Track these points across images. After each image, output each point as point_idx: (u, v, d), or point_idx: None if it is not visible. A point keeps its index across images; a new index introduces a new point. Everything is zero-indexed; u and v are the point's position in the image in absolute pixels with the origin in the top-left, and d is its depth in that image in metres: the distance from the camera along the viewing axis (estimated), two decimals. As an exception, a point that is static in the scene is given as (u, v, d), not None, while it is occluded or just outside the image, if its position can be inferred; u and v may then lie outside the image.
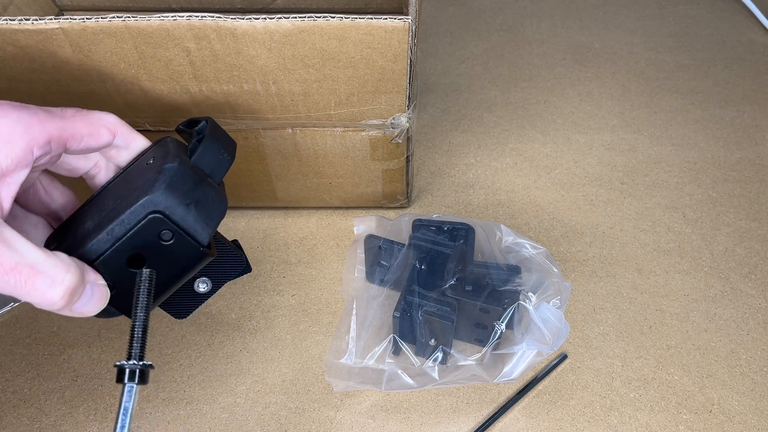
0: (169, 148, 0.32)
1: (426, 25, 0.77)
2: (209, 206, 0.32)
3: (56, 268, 0.27)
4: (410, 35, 0.37)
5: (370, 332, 0.44)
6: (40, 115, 0.28)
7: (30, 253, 0.26)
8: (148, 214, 0.30)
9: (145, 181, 0.30)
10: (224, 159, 0.34)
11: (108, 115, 0.32)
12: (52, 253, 0.27)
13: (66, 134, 0.29)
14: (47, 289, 0.26)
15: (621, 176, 0.59)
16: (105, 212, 0.31)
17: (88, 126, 0.30)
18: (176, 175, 0.30)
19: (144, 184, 0.30)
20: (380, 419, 0.43)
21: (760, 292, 0.50)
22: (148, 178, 0.30)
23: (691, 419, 0.43)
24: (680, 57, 0.73)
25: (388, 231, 0.48)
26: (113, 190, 0.33)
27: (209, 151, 0.33)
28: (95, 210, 0.32)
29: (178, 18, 0.36)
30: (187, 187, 0.31)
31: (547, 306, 0.43)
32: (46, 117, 0.28)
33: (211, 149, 0.33)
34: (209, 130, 0.34)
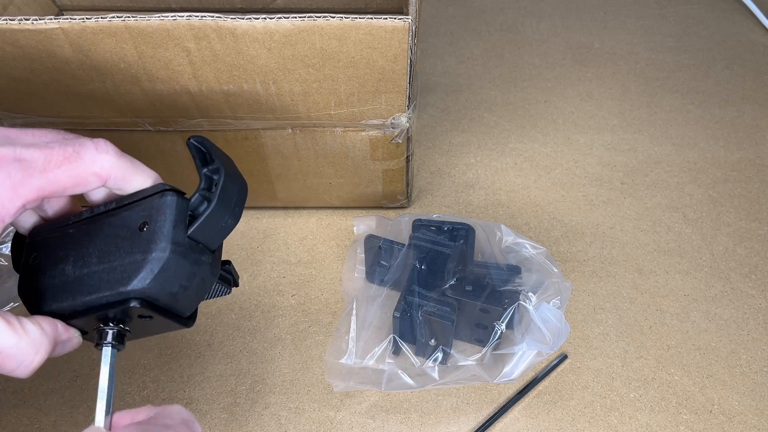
0: (166, 219, 0.28)
1: (426, 25, 0.77)
2: (199, 287, 0.30)
3: (25, 352, 0.26)
4: (410, 35, 0.37)
5: (370, 332, 0.44)
6: (13, 178, 0.24)
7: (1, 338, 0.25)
8: (128, 300, 0.28)
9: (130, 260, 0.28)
10: (228, 225, 0.31)
11: (105, 155, 0.27)
12: (25, 332, 0.26)
13: (45, 191, 0.26)
14: (15, 370, 0.26)
15: (621, 176, 0.59)
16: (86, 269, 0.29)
17: (74, 178, 0.26)
18: (166, 266, 0.28)
19: (129, 264, 0.28)
20: (380, 419, 0.43)
21: (761, 292, 0.50)
22: (133, 259, 0.28)
23: (692, 419, 0.43)
24: (681, 57, 0.73)
25: (388, 231, 0.48)
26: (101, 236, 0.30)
27: (213, 220, 0.29)
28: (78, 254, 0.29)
29: (177, 18, 0.36)
30: (176, 277, 0.29)
31: (547, 306, 0.43)
32: (21, 180, 0.25)
33: (216, 218, 0.30)
34: (221, 190, 0.29)
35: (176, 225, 0.28)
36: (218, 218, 0.30)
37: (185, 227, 0.29)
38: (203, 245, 0.30)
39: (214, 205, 0.29)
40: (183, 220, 0.29)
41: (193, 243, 0.29)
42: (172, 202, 0.29)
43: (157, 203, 0.29)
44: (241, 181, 0.32)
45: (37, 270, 0.30)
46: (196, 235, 0.29)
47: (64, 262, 0.29)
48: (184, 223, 0.29)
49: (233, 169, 0.31)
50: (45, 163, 0.25)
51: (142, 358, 0.47)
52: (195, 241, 0.29)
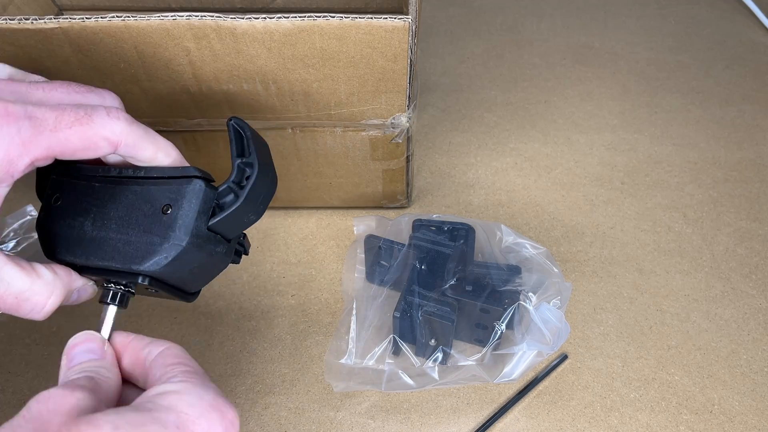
0: (191, 207, 0.28)
1: (426, 24, 0.77)
2: (209, 271, 0.31)
3: (40, 295, 0.27)
4: (410, 35, 0.37)
5: (370, 332, 0.44)
6: (23, 134, 0.25)
7: (15, 282, 0.26)
8: (138, 276, 0.29)
9: (148, 240, 0.28)
10: (249, 221, 0.31)
11: (116, 121, 0.27)
12: (37, 276, 0.27)
13: (55, 151, 0.26)
14: (31, 312, 0.27)
15: (621, 176, 0.59)
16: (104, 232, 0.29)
17: (84, 141, 0.26)
18: (182, 254, 0.28)
19: (146, 243, 0.28)
20: (380, 419, 0.43)
21: (761, 293, 0.50)
22: (151, 240, 0.28)
23: (692, 419, 0.43)
24: (681, 57, 0.73)
25: (388, 231, 0.48)
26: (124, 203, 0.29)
27: (237, 216, 0.29)
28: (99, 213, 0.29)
29: (177, 18, 0.36)
30: (190, 263, 0.29)
31: (547, 306, 0.43)
32: (31, 136, 0.25)
33: (240, 214, 0.30)
34: (251, 187, 0.29)
35: (199, 216, 0.28)
36: (242, 215, 0.30)
37: (207, 218, 0.29)
38: (221, 236, 0.30)
39: (242, 202, 0.29)
40: (207, 212, 0.29)
41: (212, 234, 0.29)
42: (200, 191, 0.28)
43: (185, 189, 0.28)
44: (272, 177, 0.32)
45: (58, 214, 0.30)
46: (217, 227, 0.29)
47: (84, 216, 0.30)
48: (207, 215, 0.29)
49: (267, 164, 0.31)
50: (56, 122, 0.25)
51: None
52: (214, 232, 0.29)
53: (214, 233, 0.29)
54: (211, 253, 0.29)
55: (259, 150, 0.31)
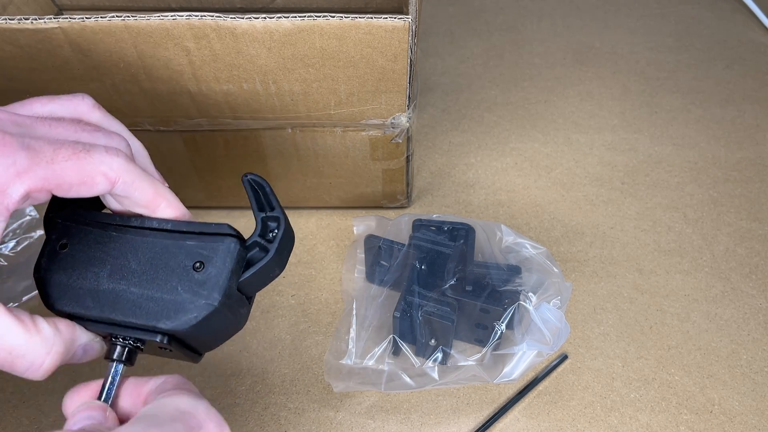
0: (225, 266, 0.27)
1: (426, 24, 0.77)
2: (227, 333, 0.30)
3: (36, 352, 0.25)
4: (410, 35, 0.37)
5: (370, 332, 0.44)
6: (19, 165, 0.24)
7: (9, 336, 0.24)
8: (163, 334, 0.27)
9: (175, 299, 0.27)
10: (273, 276, 0.30)
11: (114, 159, 0.26)
12: (36, 331, 0.25)
13: (51, 183, 0.25)
14: (27, 371, 0.26)
15: (621, 176, 0.59)
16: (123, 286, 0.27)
17: (80, 175, 0.25)
18: (211, 316, 0.27)
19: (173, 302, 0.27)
20: (380, 420, 0.43)
21: (761, 293, 0.50)
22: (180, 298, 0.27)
23: (692, 419, 0.43)
24: (681, 56, 0.73)
25: (388, 231, 0.48)
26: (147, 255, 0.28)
27: (266, 271, 0.29)
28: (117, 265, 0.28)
29: (177, 17, 0.36)
30: (216, 327, 0.28)
31: (547, 306, 0.43)
32: (27, 167, 0.24)
33: (269, 270, 0.29)
34: (279, 242, 0.29)
35: (231, 276, 0.27)
36: (270, 270, 0.29)
37: (238, 278, 0.28)
38: (246, 295, 0.29)
39: (271, 258, 0.29)
40: (238, 272, 0.28)
41: (239, 295, 0.28)
42: (235, 250, 0.28)
43: (220, 246, 0.28)
44: (293, 232, 0.31)
45: (65, 262, 0.29)
46: (244, 285, 0.28)
47: (99, 267, 0.28)
48: (239, 275, 0.28)
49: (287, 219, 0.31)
50: (53, 155, 0.25)
51: (141, 358, 0.46)
52: (240, 292, 0.29)
53: (241, 293, 0.29)
54: (237, 314, 0.29)
55: (279, 204, 0.30)
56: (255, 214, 0.30)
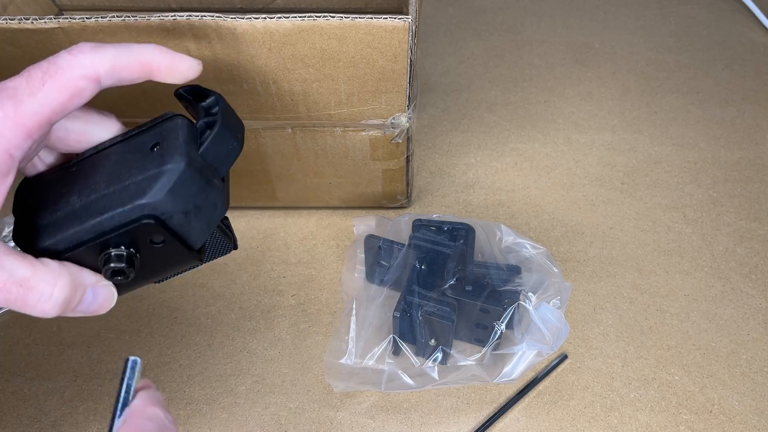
0: (178, 137, 0.28)
1: (426, 24, 0.77)
2: (210, 211, 0.30)
3: (44, 282, 0.26)
4: (410, 35, 0.37)
5: (370, 332, 0.44)
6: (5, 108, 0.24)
7: (17, 270, 0.25)
8: (141, 217, 0.27)
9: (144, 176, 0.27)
10: (234, 149, 0.31)
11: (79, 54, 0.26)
12: (41, 264, 0.26)
13: (44, 114, 0.24)
14: (38, 303, 0.26)
15: (621, 176, 0.59)
16: (94, 194, 0.28)
17: (65, 89, 0.25)
18: (181, 179, 0.27)
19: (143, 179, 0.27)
20: (380, 419, 0.43)
21: (761, 293, 0.50)
22: (148, 174, 0.27)
23: (692, 419, 0.43)
24: (681, 57, 0.73)
25: (388, 231, 0.48)
26: (108, 164, 0.29)
27: (220, 140, 0.30)
28: (84, 184, 0.28)
29: (177, 17, 0.36)
30: (190, 193, 0.28)
31: (547, 306, 0.43)
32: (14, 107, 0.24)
33: (223, 138, 0.30)
34: (222, 113, 0.30)
35: (188, 142, 0.28)
36: (225, 140, 0.30)
37: (197, 147, 0.29)
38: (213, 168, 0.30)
39: (219, 126, 0.30)
40: (194, 140, 0.29)
41: (205, 162, 0.29)
42: (183, 123, 0.29)
43: (168, 125, 0.29)
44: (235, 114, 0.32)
45: (35, 208, 0.29)
46: (206, 154, 0.29)
47: (68, 196, 0.28)
48: (196, 143, 0.29)
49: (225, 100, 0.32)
50: (28, 85, 0.24)
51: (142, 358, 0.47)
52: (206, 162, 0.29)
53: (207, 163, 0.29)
54: (210, 182, 0.29)
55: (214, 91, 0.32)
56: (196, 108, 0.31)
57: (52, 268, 0.26)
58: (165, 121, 0.30)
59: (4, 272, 0.25)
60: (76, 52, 0.26)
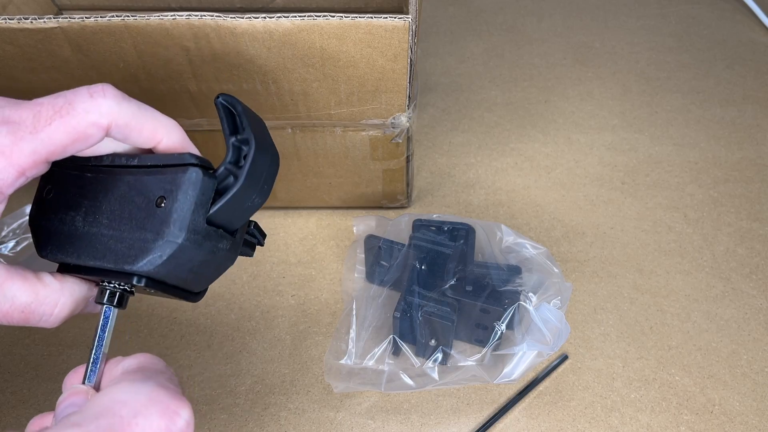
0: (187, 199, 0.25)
1: (426, 24, 0.77)
2: (213, 271, 0.28)
3: (46, 305, 0.26)
4: (410, 34, 0.37)
5: (370, 333, 0.44)
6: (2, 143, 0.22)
7: (19, 297, 0.25)
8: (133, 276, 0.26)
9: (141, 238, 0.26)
10: (254, 205, 0.28)
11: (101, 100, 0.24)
12: (42, 286, 0.26)
13: (41, 155, 0.23)
14: (40, 323, 0.26)
15: (622, 176, 0.59)
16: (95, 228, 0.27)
17: (70, 133, 0.23)
18: (178, 251, 0.25)
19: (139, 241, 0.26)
20: (380, 420, 0.43)
21: (762, 293, 0.50)
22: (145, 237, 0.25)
23: (693, 420, 0.43)
24: (681, 56, 0.73)
25: (388, 231, 0.48)
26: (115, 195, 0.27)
27: (239, 200, 0.27)
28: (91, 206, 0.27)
29: (177, 17, 0.36)
30: (190, 261, 0.26)
31: (547, 306, 0.43)
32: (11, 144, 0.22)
33: (242, 197, 0.27)
34: (250, 166, 0.26)
35: (196, 209, 0.25)
36: (244, 198, 0.27)
37: (206, 211, 0.26)
38: (223, 229, 0.27)
39: (241, 184, 0.26)
40: (205, 204, 0.26)
41: (212, 229, 0.26)
42: (197, 180, 0.26)
43: (180, 178, 0.26)
44: (273, 153, 0.28)
45: (49, 207, 0.28)
46: (217, 218, 0.26)
47: (76, 210, 0.27)
48: (206, 207, 0.26)
49: (265, 138, 0.28)
50: (34, 121, 0.23)
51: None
52: (214, 226, 0.27)
53: (216, 227, 0.27)
54: (213, 250, 0.27)
55: (253, 125, 0.28)
56: (226, 138, 0.28)
57: (53, 289, 0.26)
58: (180, 168, 0.26)
59: (6, 301, 0.25)
60: (98, 96, 0.24)
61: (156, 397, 0.24)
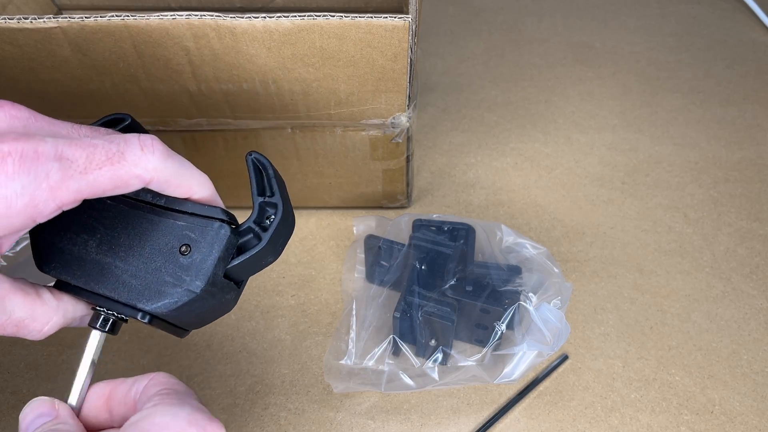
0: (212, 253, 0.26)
1: (426, 24, 0.77)
2: (216, 314, 0.29)
3: (39, 322, 0.27)
4: (410, 34, 0.37)
5: (370, 333, 0.44)
6: (51, 178, 0.22)
7: (16, 311, 0.26)
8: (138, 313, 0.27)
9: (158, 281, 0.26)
10: (266, 263, 0.29)
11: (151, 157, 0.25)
12: (40, 303, 0.26)
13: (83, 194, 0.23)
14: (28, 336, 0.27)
15: (622, 176, 0.59)
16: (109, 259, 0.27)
17: (115, 180, 0.24)
18: (194, 300, 0.26)
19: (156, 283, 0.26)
20: (380, 420, 0.43)
21: (762, 293, 0.50)
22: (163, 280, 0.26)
23: (693, 420, 0.43)
24: (681, 56, 0.73)
25: (387, 231, 0.48)
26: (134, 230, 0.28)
27: (258, 259, 0.28)
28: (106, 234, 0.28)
29: (177, 17, 0.36)
30: (199, 309, 0.27)
31: (547, 306, 0.43)
32: (60, 181, 0.23)
33: (262, 257, 0.28)
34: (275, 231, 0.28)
35: (218, 263, 0.27)
36: (262, 258, 0.28)
37: (226, 265, 0.27)
38: (234, 281, 0.28)
39: (265, 245, 0.28)
40: (226, 259, 0.27)
41: (226, 282, 0.28)
42: (224, 237, 0.27)
43: (208, 232, 0.27)
44: (293, 219, 0.30)
45: (58, 224, 0.28)
46: (234, 271, 0.28)
47: (89, 234, 0.28)
48: (227, 262, 0.27)
49: (288, 204, 0.29)
50: (86, 162, 0.23)
51: (140, 358, 0.47)
52: (227, 279, 0.28)
53: (228, 279, 0.28)
54: (222, 301, 0.28)
55: (281, 190, 0.29)
56: (253, 197, 0.29)
57: (49, 307, 0.27)
58: (210, 221, 0.27)
59: (4, 314, 0.25)
60: (149, 152, 0.25)
61: (194, 420, 0.25)
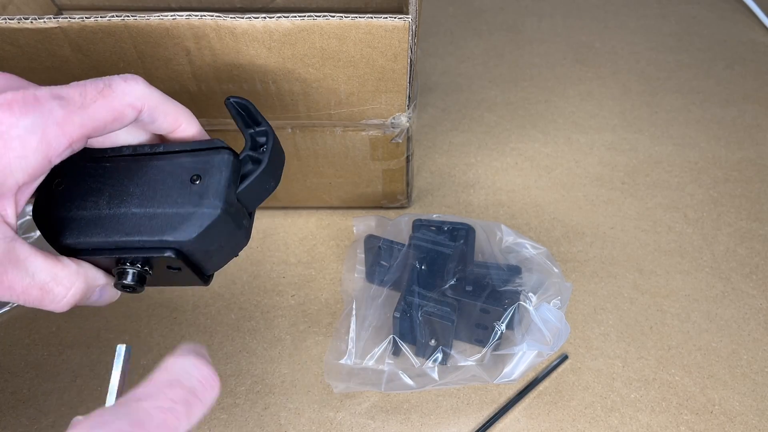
0: (222, 177, 0.28)
1: (426, 24, 0.77)
2: (233, 248, 0.30)
3: (62, 285, 0.27)
4: (410, 34, 0.37)
5: (370, 333, 0.44)
6: (56, 114, 0.24)
7: (39, 273, 0.26)
8: (165, 249, 0.28)
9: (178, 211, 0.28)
10: (270, 188, 0.31)
11: (135, 85, 0.27)
12: (62, 267, 0.27)
13: (88, 128, 0.25)
14: (52, 303, 0.27)
15: (622, 176, 0.59)
16: (124, 209, 0.28)
17: (111, 111, 0.26)
18: (215, 224, 0.28)
19: (176, 214, 0.28)
20: (380, 420, 0.43)
21: (762, 293, 0.50)
22: (182, 211, 0.28)
23: (693, 420, 0.43)
24: (681, 56, 0.73)
25: (387, 231, 0.48)
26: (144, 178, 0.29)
27: (261, 182, 0.30)
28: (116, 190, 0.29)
29: (177, 17, 0.36)
30: (219, 236, 0.28)
31: (547, 306, 0.43)
32: (64, 116, 0.25)
33: (264, 180, 0.30)
34: (271, 152, 0.30)
35: (229, 185, 0.28)
36: (265, 181, 0.30)
37: (236, 188, 0.29)
38: (245, 208, 0.30)
39: (264, 167, 0.30)
40: (236, 181, 0.29)
41: (239, 205, 0.29)
42: (230, 161, 0.29)
43: (214, 159, 0.29)
44: (281, 147, 0.32)
45: (62, 197, 0.29)
46: (243, 197, 0.29)
47: (98, 196, 0.29)
48: (236, 184, 0.29)
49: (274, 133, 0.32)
50: (81, 98, 0.25)
51: (141, 357, 0.47)
52: (240, 203, 0.29)
53: (241, 204, 0.30)
54: (239, 225, 0.29)
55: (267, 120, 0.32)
56: (243, 131, 0.31)
57: (70, 271, 0.27)
58: (212, 151, 0.29)
59: (27, 276, 0.26)
60: (131, 81, 0.27)
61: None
